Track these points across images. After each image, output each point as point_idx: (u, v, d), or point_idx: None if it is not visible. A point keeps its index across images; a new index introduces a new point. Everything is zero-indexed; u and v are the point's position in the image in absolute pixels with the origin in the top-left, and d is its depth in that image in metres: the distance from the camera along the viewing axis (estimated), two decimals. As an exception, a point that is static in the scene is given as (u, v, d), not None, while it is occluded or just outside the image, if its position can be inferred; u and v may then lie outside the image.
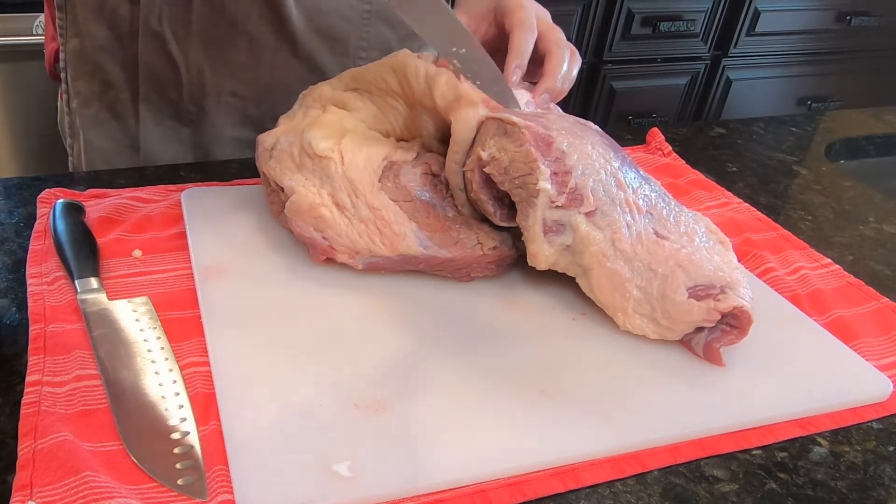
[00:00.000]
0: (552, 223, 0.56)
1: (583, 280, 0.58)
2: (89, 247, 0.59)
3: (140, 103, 0.79)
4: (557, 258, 0.57)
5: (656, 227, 0.57)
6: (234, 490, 0.42)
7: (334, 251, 0.59)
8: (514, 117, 0.56)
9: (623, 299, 0.56)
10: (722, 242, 0.59)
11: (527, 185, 0.55)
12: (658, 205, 0.59)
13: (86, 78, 0.78)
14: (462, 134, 0.59)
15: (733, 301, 0.53)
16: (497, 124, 0.57)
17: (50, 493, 0.41)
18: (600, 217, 0.56)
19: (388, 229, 0.58)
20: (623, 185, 0.57)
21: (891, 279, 0.72)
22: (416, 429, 0.47)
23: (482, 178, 0.58)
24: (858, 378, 0.57)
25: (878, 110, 1.18)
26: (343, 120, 0.62)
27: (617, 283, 0.55)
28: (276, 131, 0.63)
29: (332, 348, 0.53)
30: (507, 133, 0.56)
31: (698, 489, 0.47)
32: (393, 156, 0.61)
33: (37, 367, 0.49)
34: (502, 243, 0.60)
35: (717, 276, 0.55)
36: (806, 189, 0.89)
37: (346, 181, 0.58)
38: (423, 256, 0.58)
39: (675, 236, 0.57)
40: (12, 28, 1.36)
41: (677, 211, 0.60)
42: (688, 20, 1.97)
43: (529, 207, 0.55)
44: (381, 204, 0.58)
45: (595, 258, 0.55)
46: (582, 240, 0.55)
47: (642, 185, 0.59)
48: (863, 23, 2.19)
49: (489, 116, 0.58)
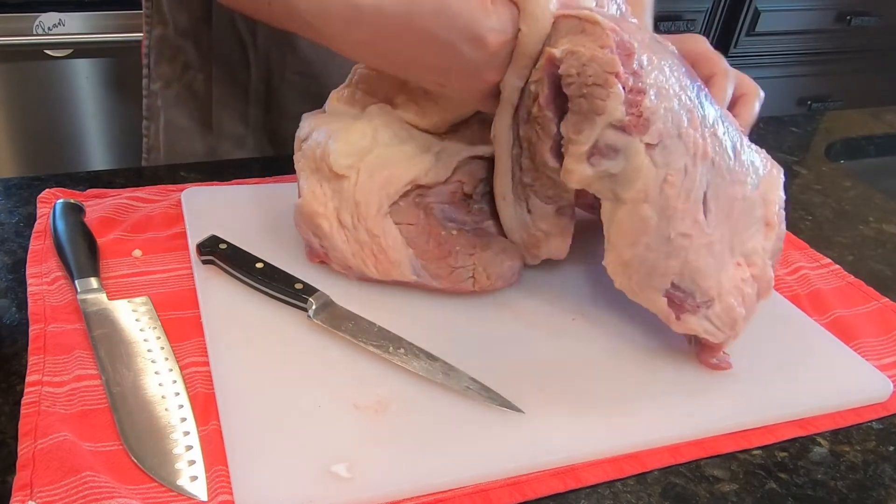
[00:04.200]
0: (604, 146, 0.49)
1: (608, 205, 0.51)
2: (89, 247, 0.59)
3: (214, 84, 0.84)
4: (594, 181, 0.50)
5: (709, 185, 0.51)
6: (233, 490, 0.42)
7: (329, 259, 0.59)
8: (597, 16, 0.48)
9: (628, 246, 0.51)
10: (768, 225, 0.55)
11: (593, 96, 0.48)
12: (725, 154, 0.52)
13: (167, 62, 0.84)
14: (530, 37, 0.50)
15: (690, 327, 0.52)
16: (574, 22, 0.49)
17: (50, 493, 0.41)
18: (660, 152, 0.48)
19: (383, 256, 0.57)
20: (696, 120, 0.50)
21: (891, 279, 0.72)
22: (416, 429, 0.47)
23: (551, 89, 0.50)
24: (858, 378, 0.57)
25: (878, 110, 1.18)
26: (378, 128, 0.59)
27: (638, 229, 0.50)
28: (316, 118, 0.62)
29: (332, 348, 0.53)
30: (585, 32, 0.48)
31: (698, 489, 0.47)
32: (422, 179, 0.58)
33: (37, 367, 0.49)
34: (497, 279, 0.59)
35: (705, 289, 0.52)
36: (806, 189, 0.89)
37: (353, 202, 0.57)
38: (414, 283, 0.58)
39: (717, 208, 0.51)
40: (12, 28, 1.36)
41: (743, 164, 0.53)
42: (688, 20, 1.97)
43: (586, 122, 0.48)
44: (382, 231, 0.57)
45: (639, 195, 0.49)
46: (634, 171, 0.49)
47: (717, 124, 0.52)
48: (863, 23, 2.19)
49: (564, 13, 0.50)
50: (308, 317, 0.55)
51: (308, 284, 0.56)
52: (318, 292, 0.56)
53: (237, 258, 0.59)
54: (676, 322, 0.52)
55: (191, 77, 0.85)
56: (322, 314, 0.55)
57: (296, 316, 0.55)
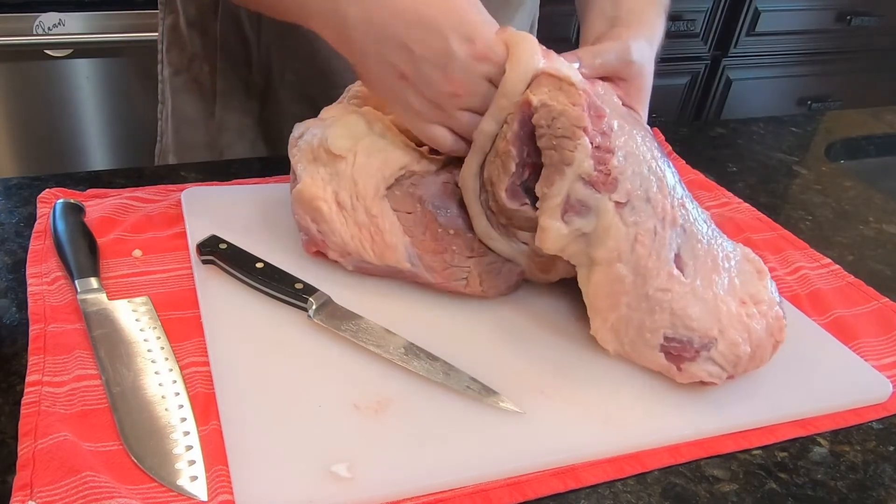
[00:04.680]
0: (576, 202, 0.51)
1: (584, 271, 0.53)
2: (89, 247, 0.59)
3: (218, 76, 0.86)
4: (568, 243, 0.52)
5: (682, 247, 0.53)
6: (234, 490, 0.42)
7: (326, 247, 0.59)
8: (574, 77, 0.52)
9: (609, 309, 0.53)
10: (759, 272, 0.56)
11: (562, 146, 0.50)
12: (695, 224, 0.54)
13: (177, 50, 0.88)
14: (514, 81, 0.53)
15: (693, 375, 0.52)
16: (553, 81, 0.52)
17: (50, 493, 0.41)
18: (630, 211, 0.51)
19: (380, 238, 0.57)
20: (665, 189, 0.52)
21: (891, 279, 0.72)
22: (416, 429, 0.47)
23: (521, 128, 0.52)
24: (858, 378, 0.57)
25: (878, 110, 1.18)
26: (371, 121, 0.60)
27: (616, 289, 0.52)
28: (309, 122, 0.63)
29: (332, 348, 0.53)
30: (562, 90, 0.52)
31: (698, 489, 0.47)
32: (414, 165, 0.59)
33: (37, 367, 0.49)
34: (490, 288, 0.59)
35: (704, 329, 0.51)
36: (806, 189, 0.89)
37: (351, 181, 0.58)
38: (408, 272, 0.58)
39: (695, 265, 0.53)
40: (12, 28, 1.36)
41: (716, 237, 0.55)
42: (688, 20, 1.97)
43: (557, 174, 0.51)
44: (380, 212, 0.57)
45: (610, 255, 0.51)
46: (604, 229, 0.50)
47: (685, 199, 0.54)
48: (863, 23, 2.18)
49: (545, 71, 0.53)
50: (308, 317, 0.55)
51: (308, 284, 0.56)
52: (318, 292, 0.56)
53: (237, 258, 0.59)
54: (679, 374, 0.52)
55: (197, 67, 0.87)
56: (322, 314, 0.55)
57: (296, 316, 0.55)
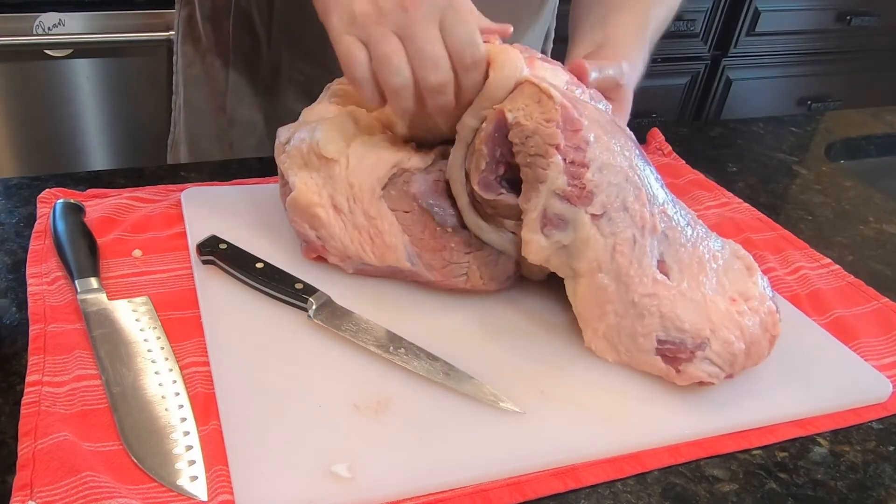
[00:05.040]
0: (553, 216, 0.52)
1: (570, 283, 0.55)
2: (89, 247, 0.59)
3: (230, 70, 0.88)
4: (551, 255, 0.54)
5: (665, 252, 0.53)
6: (234, 490, 0.42)
7: (326, 252, 0.59)
8: (553, 90, 0.52)
9: (598, 319, 0.53)
10: (748, 268, 0.56)
11: (536, 165, 0.52)
12: (678, 228, 0.54)
13: (191, 43, 0.90)
14: (495, 87, 0.54)
15: (692, 376, 0.51)
16: (535, 91, 0.53)
17: (50, 493, 0.41)
18: (606, 223, 0.52)
19: (380, 239, 0.57)
20: (643, 198, 0.53)
21: (891, 279, 0.72)
22: (416, 429, 0.47)
23: (495, 132, 0.53)
24: (858, 378, 0.57)
25: (878, 110, 1.18)
26: (358, 120, 0.60)
27: (601, 298, 0.53)
28: (293, 125, 0.63)
29: (332, 348, 0.53)
30: (540, 102, 0.52)
31: (698, 489, 0.47)
32: (405, 163, 0.58)
33: (37, 367, 0.49)
34: (491, 281, 0.59)
35: (695, 330, 0.51)
36: (806, 189, 0.89)
37: (347, 184, 0.58)
38: (408, 271, 0.58)
39: (680, 268, 0.53)
40: (12, 28, 1.36)
41: (702, 238, 0.55)
42: (688, 20, 1.97)
43: (533, 191, 0.52)
44: (378, 213, 0.57)
45: (590, 265, 0.52)
46: (583, 241, 0.52)
47: (666, 205, 0.55)
48: (863, 23, 2.19)
49: (528, 80, 0.53)
50: (308, 317, 0.55)
51: (308, 284, 0.56)
52: (319, 292, 0.56)
53: (237, 258, 0.59)
54: (678, 376, 0.52)
55: (210, 61, 0.89)
56: (322, 314, 0.55)
57: (296, 316, 0.55)
